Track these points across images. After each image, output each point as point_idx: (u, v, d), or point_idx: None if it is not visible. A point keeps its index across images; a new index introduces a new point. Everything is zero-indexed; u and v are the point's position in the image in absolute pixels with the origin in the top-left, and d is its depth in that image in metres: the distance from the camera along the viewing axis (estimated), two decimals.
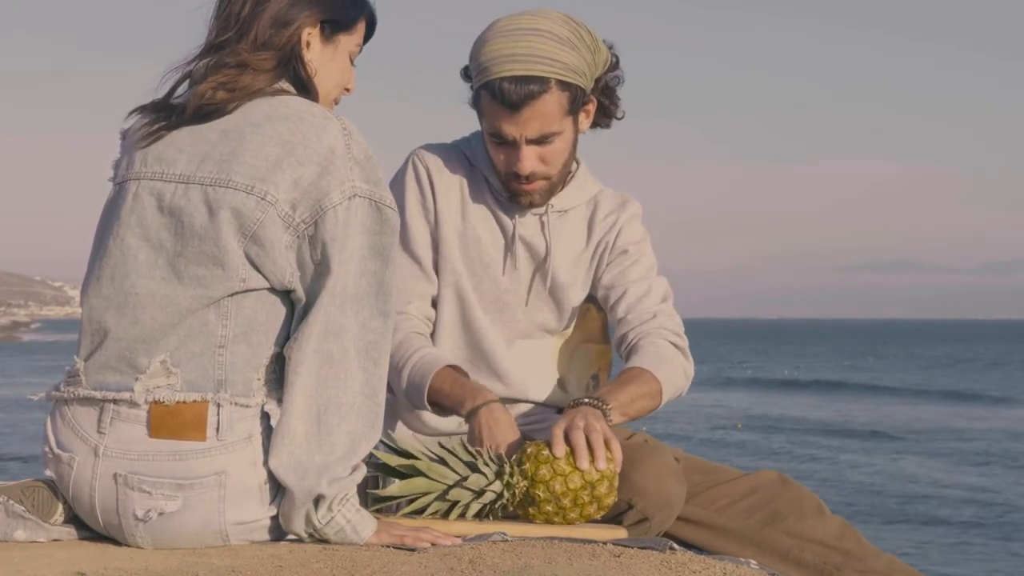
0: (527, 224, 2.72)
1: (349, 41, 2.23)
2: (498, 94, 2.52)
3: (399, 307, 2.65)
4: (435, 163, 2.72)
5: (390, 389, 2.60)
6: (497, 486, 2.31)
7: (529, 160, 2.59)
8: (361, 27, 2.25)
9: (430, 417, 2.70)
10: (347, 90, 2.27)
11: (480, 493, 2.30)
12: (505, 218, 2.72)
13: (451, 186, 2.72)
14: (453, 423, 2.69)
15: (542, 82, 2.52)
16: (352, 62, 2.27)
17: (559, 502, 2.30)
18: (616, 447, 2.35)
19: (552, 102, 2.55)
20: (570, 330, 2.81)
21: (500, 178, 2.67)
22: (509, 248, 2.72)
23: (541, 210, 2.72)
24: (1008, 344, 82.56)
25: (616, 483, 2.35)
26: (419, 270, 2.69)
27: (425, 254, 2.70)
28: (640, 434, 2.78)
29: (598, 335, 2.84)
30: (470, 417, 2.50)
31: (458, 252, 2.70)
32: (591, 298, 2.82)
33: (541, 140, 2.58)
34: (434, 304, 2.72)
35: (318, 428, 2.03)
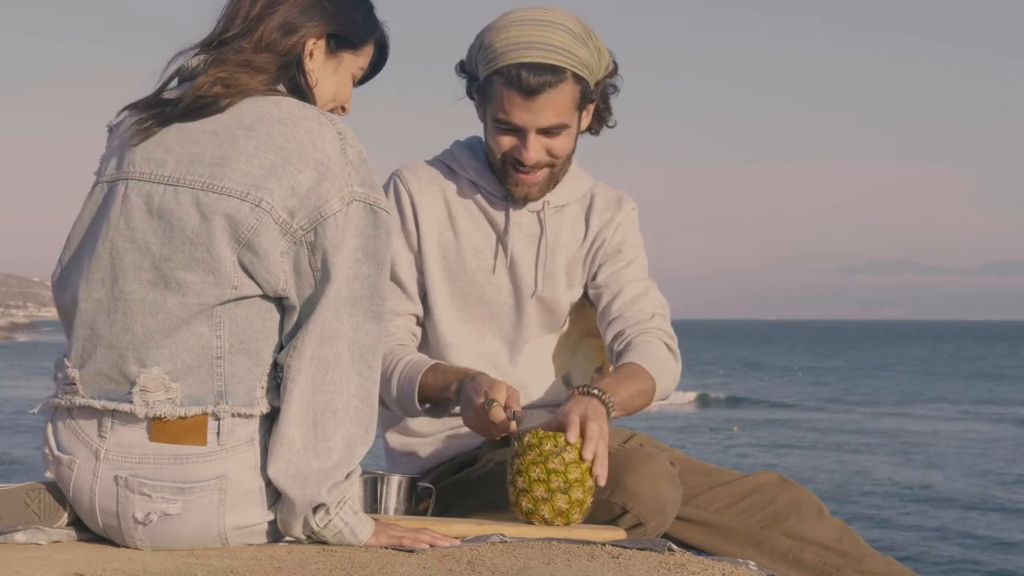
0: (524, 222, 2.72)
1: (353, 61, 2.21)
2: (515, 80, 2.53)
3: None
4: (416, 184, 2.71)
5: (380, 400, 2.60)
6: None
7: (535, 150, 2.59)
8: (368, 50, 2.23)
9: (416, 424, 2.70)
10: (343, 109, 2.25)
11: None
12: (500, 219, 2.71)
13: (435, 204, 2.71)
14: (440, 428, 2.69)
15: (559, 72, 2.53)
16: (354, 83, 2.25)
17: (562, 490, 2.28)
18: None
19: (566, 93, 2.56)
20: (567, 326, 2.81)
21: (497, 169, 2.66)
22: (506, 250, 2.71)
23: (538, 206, 2.71)
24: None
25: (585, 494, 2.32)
26: (402, 293, 2.69)
27: (408, 279, 2.69)
28: (639, 435, 2.78)
29: (596, 330, 2.83)
30: (459, 392, 2.48)
31: (444, 272, 2.69)
32: (584, 294, 2.81)
33: (550, 131, 2.59)
34: (420, 323, 2.71)
35: (315, 434, 2.02)
